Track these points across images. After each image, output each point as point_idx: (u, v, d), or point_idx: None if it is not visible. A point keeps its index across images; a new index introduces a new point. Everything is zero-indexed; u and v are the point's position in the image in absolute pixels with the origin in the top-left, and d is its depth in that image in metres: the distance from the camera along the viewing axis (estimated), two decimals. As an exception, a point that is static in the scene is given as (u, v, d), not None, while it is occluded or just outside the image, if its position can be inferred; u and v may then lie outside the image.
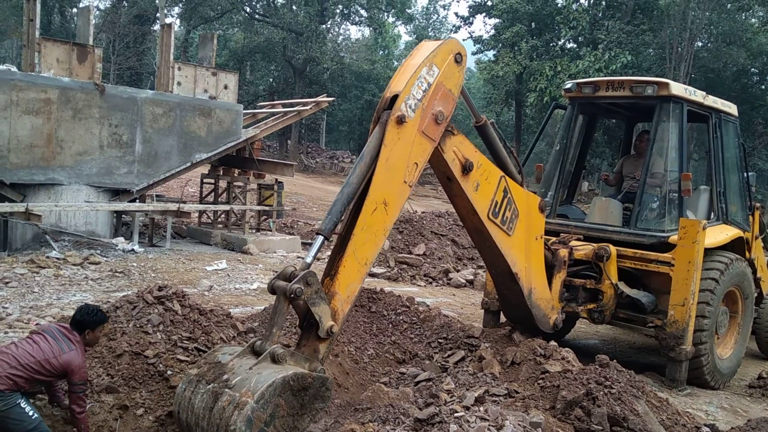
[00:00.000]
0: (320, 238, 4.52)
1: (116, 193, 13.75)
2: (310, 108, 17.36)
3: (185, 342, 5.27)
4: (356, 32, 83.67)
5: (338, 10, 46.46)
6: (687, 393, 7.35)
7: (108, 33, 37.77)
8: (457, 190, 5.74)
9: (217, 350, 4.38)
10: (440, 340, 7.12)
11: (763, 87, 39.23)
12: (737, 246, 8.30)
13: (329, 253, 4.96)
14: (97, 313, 4.48)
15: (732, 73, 37.52)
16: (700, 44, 35.37)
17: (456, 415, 4.22)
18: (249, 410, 3.69)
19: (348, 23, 50.51)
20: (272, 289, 4.32)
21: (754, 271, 8.67)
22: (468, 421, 4.04)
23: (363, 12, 46.69)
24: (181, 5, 43.27)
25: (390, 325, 7.37)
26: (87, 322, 4.41)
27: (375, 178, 4.73)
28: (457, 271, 13.66)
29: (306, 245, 15.88)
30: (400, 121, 4.84)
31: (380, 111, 4.96)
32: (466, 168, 5.62)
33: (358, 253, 4.63)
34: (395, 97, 4.89)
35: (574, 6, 34.48)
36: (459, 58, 5.26)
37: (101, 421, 4.56)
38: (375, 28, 49.09)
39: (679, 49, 32.06)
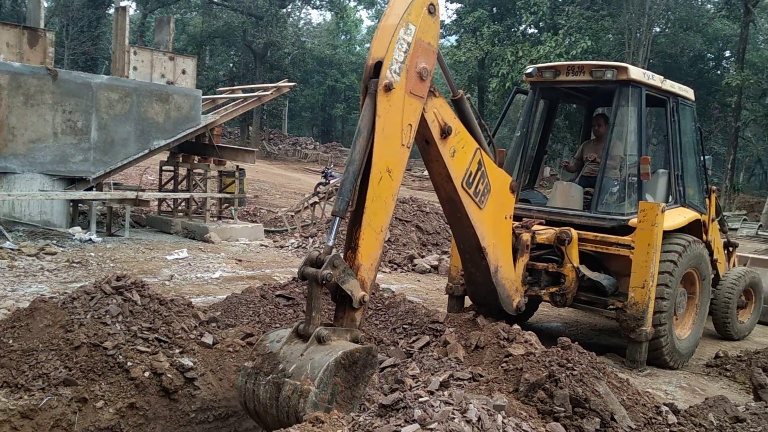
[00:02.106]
0: (337, 219, 4.70)
1: (72, 182, 13.38)
2: (271, 93, 17.12)
3: (145, 333, 5.16)
4: (317, 17, 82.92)
5: (299, -6, 45.99)
6: (647, 373, 7.49)
7: (61, 17, 36.75)
8: (434, 153, 5.81)
9: (264, 339, 4.55)
10: (405, 326, 7.11)
11: (718, 72, 40.08)
12: (695, 228, 8.45)
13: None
14: None
15: (689, 58, 38.30)
16: (658, 30, 35.92)
17: (420, 400, 4.21)
18: (313, 396, 4.01)
19: (309, 7, 49.97)
20: (303, 276, 4.55)
21: (711, 253, 8.84)
22: (432, 406, 4.04)
23: (324, -4, 46.29)
24: (137, -12, 42.29)
25: (354, 312, 7.32)
26: None
27: (375, 149, 4.85)
28: (422, 257, 13.69)
29: (269, 233, 15.74)
30: (388, 88, 4.91)
31: (366, 80, 5.00)
32: (445, 131, 5.70)
33: (374, 223, 4.84)
34: (378, 64, 4.94)
35: (534, -9, 34.67)
36: (432, 9, 5.31)
37: (59, 414, 4.43)
38: (336, 13, 48.71)
39: (638, 34, 32.51)
